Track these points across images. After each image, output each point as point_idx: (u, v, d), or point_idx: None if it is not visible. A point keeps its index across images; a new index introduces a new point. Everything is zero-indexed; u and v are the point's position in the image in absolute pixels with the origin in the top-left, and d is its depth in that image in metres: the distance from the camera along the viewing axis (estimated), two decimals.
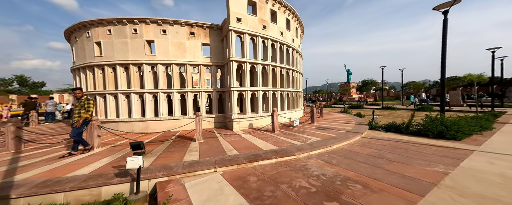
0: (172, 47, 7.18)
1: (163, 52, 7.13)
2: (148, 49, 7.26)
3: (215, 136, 5.81)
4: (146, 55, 7.06)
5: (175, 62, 7.25)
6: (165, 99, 7.40)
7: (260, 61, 7.81)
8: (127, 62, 7.02)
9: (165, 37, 7.11)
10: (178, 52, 7.29)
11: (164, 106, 7.36)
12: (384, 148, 4.21)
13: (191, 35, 7.43)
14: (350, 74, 55.29)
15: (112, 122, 7.12)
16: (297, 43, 11.14)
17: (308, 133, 6.00)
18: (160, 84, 7.23)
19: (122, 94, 7.22)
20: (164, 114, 7.29)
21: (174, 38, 7.19)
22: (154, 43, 7.06)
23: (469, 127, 5.12)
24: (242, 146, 4.42)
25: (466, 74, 10.30)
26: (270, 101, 8.35)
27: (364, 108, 18.52)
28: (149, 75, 7.23)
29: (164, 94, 7.32)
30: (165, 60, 7.14)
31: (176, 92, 7.38)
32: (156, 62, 7.09)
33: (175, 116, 7.22)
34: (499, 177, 2.59)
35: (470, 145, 4.12)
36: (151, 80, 7.34)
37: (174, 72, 7.31)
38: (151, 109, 7.29)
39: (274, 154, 3.73)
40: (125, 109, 7.27)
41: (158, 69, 7.16)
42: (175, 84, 7.35)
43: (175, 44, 7.22)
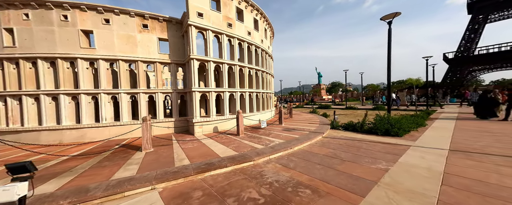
0: (118, 40, 6.15)
1: (106, 45, 6.03)
2: (85, 41, 6.04)
3: (171, 143, 5.12)
4: (82, 48, 5.84)
5: (123, 57, 6.22)
6: (110, 102, 6.25)
7: (226, 61, 7.45)
8: (53, 56, 5.65)
9: (109, 28, 6.04)
10: (127, 46, 6.29)
11: (109, 109, 6.20)
12: (340, 148, 4.37)
13: (143, 27, 6.53)
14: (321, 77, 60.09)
15: (30, 131, 5.58)
16: (266, 44, 11.23)
17: (273, 135, 5.90)
18: (103, 84, 6.07)
19: (47, 96, 5.76)
20: (108, 120, 6.13)
21: (121, 29, 6.18)
22: (93, 34, 5.90)
23: (408, 125, 5.86)
24: (198, 154, 3.95)
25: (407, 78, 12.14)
26: (238, 102, 8.04)
27: (331, 108, 20.09)
28: (87, 73, 5.98)
29: (107, 96, 6.17)
30: (109, 55, 6.05)
31: (125, 93, 6.32)
32: (97, 57, 5.93)
33: (122, 122, 6.15)
34: (426, 171, 2.87)
35: (408, 141, 4.65)
36: (90, 79, 6.10)
37: (122, 70, 6.26)
38: (90, 113, 6.03)
39: (231, 161, 3.41)
40: (51, 114, 5.81)
41: (99, 66, 6.00)
42: (123, 84, 6.29)
43: (123, 37, 6.21)
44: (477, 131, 5.47)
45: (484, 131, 5.43)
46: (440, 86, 33.27)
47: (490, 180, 2.49)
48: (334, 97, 46.34)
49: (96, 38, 5.90)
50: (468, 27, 35.83)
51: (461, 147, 3.94)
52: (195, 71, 6.39)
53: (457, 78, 34.21)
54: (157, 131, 6.60)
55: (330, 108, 20.05)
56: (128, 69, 6.49)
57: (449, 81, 34.95)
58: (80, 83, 5.85)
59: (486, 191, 2.23)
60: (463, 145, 4.11)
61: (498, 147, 3.89)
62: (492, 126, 6.26)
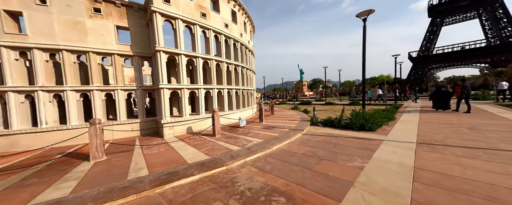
0: (61, 27, 5.04)
1: (43, 32, 4.89)
2: (13, 25, 4.80)
3: (132, 149, 4.44)
4: (7, 33, 4.62)
5: (68, 47, 5.15)
6: (52, 101, 5.16)
7: (201, 55, 6.82)
8: None
9: (46, 10, 4.89)
10: (73, 34, 5.21)
11: (51, 111, 5.12)
12: (318, 145, 4.30)
13: (95, 12, 5.48)
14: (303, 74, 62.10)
15: None
16: (246, 38, 10.77)
17: (252, 134, 5.62)
18: (40, 79, 4.95)
19: None
20: (50, 123, 5.06)
21: (64, 13, 5.08)
22: (23, 16, 4.71)
23: (381, 119, 6.15)
24: (162, 161, 3.43)
25: (379, 75, 13.03)
26: (215, 100, 7.52)
27: (312, 104, 20.78)
28: (16, 65, 4.79)
29: (48, 94, 5.07)
30: (48, 43, 4.93)
31: (72, 90, 5.28)
32: (30, 46, 4.77)
33: (70, 125, 5.16)
34: (398, 166, 2.90)
35: (381, 135, 4.83)
36: (23, 73, 4.91)
37: (67, 62, 5.19)
38: (23, 116, 4.89)
39: (199, 167, 3.01)
40: None
41: (34, 57, 4.85)
42: (70, 79, 5.24)
43: (67, 22, 5.12)
44: (437, 123, 6.00)
45: (443, 123, 5.99)
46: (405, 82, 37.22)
47: (454, 173, 2.58)
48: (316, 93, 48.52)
49: (28, 22, 4.72)
50: (428, 29, 40.52)
51: (426, 140, 4.19)
52: (163, 65, 5.66)
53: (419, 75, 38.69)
54: (118, 135, 5.75)
55: (311, 104, 20.70)
56: (77, 61, 5.43)
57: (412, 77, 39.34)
58: (6, 78, 4.65)
59: (452, 186, 2.27)
60: (427, 137, 4.39)
61: (455, 138, 4.24)
62: (449, 117, 6.99)
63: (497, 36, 33.18)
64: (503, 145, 3.56)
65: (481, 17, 36.53)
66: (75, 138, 4.42)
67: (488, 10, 34.73)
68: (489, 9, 34.44)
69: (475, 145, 3.65)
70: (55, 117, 5.18)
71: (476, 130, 4.80)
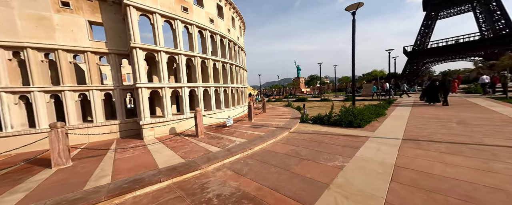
0: (23, 22, 4.70)
1: (3, 28, 4.55)
2: None
3: (104, 153, 4.20)
4: None
5: (33, 45, 4.82)
6: (18, 103, 4.85)
7: (183, 51, 6.56)
8: None
9: (6, 4, 4.53)
10: (39, 30, 4.87)
11: (16, 113, 4.82)
12: (303, 144, 4.18)
13: (63, 6, 5.14)
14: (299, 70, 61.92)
15: None
16: (235, 34, 10.49)
17: (237, 134, 5.45)
18: (2, 80, 4.63)
19: None
20: (16, 127, 4.77)
21: (27, 7, 4.73)
22: None
23: (370, 115, 6.06)
24: (131, 166, 3.23)
25: (373, 70, 12.98)
26: (201, 99, 7.30)
27: (308, 101, 20.74)
28: None
29: (13, 95, 4.76)
30: (10, 40, 4.60)
31: (40, 91, 4.98)
32: None
33: (40, 128, 4.87)
34: (379, 165, 2.78)
35: (368, 132, 4.73)
36: None
37: (33, 61, 4.86)
38: None
39: (169, 173, 2.82)
40: None
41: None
42: (36, 80, 4.93)
43: (31, 17, 4.78)
44: (427, 118, 5.96)
45: (432, 118, 5.95)
46: (400, 77, 37.54)
47: (434, 171, 2.48)
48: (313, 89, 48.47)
49: None
50: (423, 23, 40.75)
51: (413, 136, 4.10)
52: (140, 63, 5.38)
53: (414, 70, 39.07)
54: (96, 138, 5.50)
55: (306, 101, 20.66)
56: (45, 60, 5.11)
57: (407, 72, 39.71)
58: None
59: (430, 185, 2.16)
60: (414, 133, 4.31)
61: (442, 133, 4.17)
62: (439, 112, 6.97)
63: (490, 29, 33.66)
64: (488, 140, 3.49)
65: (475, 10, 36.93)
66: (47, 143, 4.16)
67: (482, 3, 35.09)
68: (483, 1, 34.81)
69: (460, 141, 3.57)
70: (22, 120, 4.88)
71: (463, 125, 4.75)
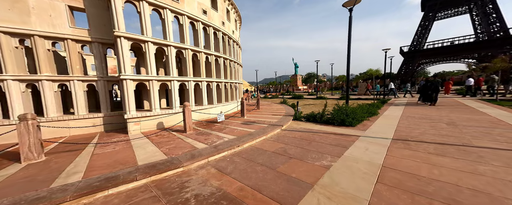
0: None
1: None
2: None
3: (83, 147, 4.01)
4: None
5: (5, 29, 4.47)
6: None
7: (173, 43, 6.28)
8: None
9: None
10: (12, 13, 4.51)
11: None
12: (293, 142, 4.11)
13: None
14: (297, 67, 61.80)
15: None
16: (230, 28, 10.19)
17: (227, 130, 5.34)
18: None
19: None
20: None
21: None
22: None
23: (362, 114, 6.06)
24: (107, 163, 3.06)
25: (368, 69, 13.01)
26: (191, 93, 7.10)
27: (304, 98, 20.78)
28: None
29: None
30: None
31: (13, 79, 4.66)
32: None
33: (14, 120, 4.59)
34: (366, 165, 2.74)
35: (359, 131, 4.71)
36: None
37: (4, 47, 4.52)
38: None
39: (148, 170, 2.69)
40: None
41: None
42: (10, 68, 4.60)
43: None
44: (418, 118, 6.01)
45: (423, 118, 6.00)
46: (396, 77, 38.11)
47: (421, 172, 2.45)
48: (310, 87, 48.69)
49: None
50: (420, 23, 41.14)
51: (403, 136, 4.10)
52: (124, 53, 5.11)
53: (409, 70, 39.71)
54: (78, 131, 5.27)
55: (302, 98, 20.71)
56: (20, 46, 4.76)
57: (403, 72, 40.33)
58: None
59: (416, 187, 2.13)
60: (404, 133, 4.32)
61: (431, 133, 4.19)
62: (431, 112, 7.06)
63: (485, 31, 34.35)
64: (476, 141, 3.51)
65: (472, 12, 37.48)
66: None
67: (479, 5, 35.61)
68: (480, 3, 35.31)
69: (449, 141, 3.59)
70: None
71: (453, 126, 4.80)
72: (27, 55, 5.19)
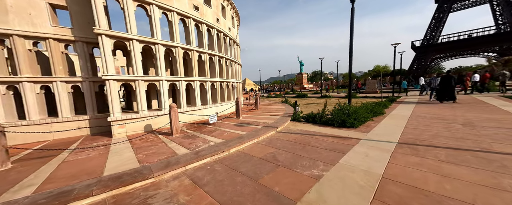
0: None
1: None
2: None
3: (57, 153, 3.83)
4: None
5: None
6: None
7: (161, 41, 6.07)
8: None
9: None
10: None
11: None
12: (285, 146, 3.79)
13: None
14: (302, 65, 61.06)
15: None
16: (225, 25, 9.92)
17: (217, 133, 5.07)
18: None
19: None
20: None
21: None
22: None
23: (366, 114, 5.61)
24: (72, 173, 2.84)
25: (375, 66, 12.35)
26: (182, 94, 6.89)
27: (308, 97, 20.27)
28: None
29: None
30: None
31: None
32: None
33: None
34: (364, 175, 2.39)
35: (361, 133, 4.31)
36: None
37: None
38: None
39: (110, 183, 2.42)
40: None
41: None
42: None
43: None
44: (430, 118, 5.50)
45: (436, 118, 5.49)
46: (407, 73, 36.60)
47: (429, 186, 2.07)
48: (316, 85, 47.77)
49: None
50: (434, 15, 39.26)
51: (410, 139, 3.68)
52: (107, 52, 4.94)
53: (422, 65, 38.02)
54: (61, 135, 5.16)
55: (306, 97, 20.20)
56: (0, 47, 4.68)
57: (415, 68, 38.69)
58: None
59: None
60: (412, 136, 3.88)
61: (445, 136, 3.73)
62: (445, 111, 6.49)
63: (508, 22, 32.23)
64: (498, 146, 3.04)
65: (492, 1, 35.31)
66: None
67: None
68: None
69: (465, 146, 3.13)
70: None
71: (470, 127, 4.29)
72: (10, 56, 5.13)
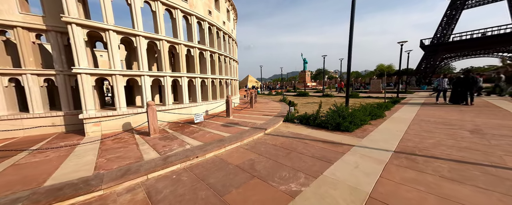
0: None
1: None
2: None
3: (13, 154, 3.53)
4: None
5: None
6: None
7: (142, 32, 5.71)
8: None
9: None
10: None
11: None
12: (268, 152, 3.47)
13: None
14: (306, 63, 60.31)
15: None
16: (219, 18, 9.49)
17: (199, 134, 4.75)
18: None
19: None
20: None
21: None
22: None
23: (363, 117, 5.22)
24: (12, 180, 2.52)
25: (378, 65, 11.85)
26: (168, 90, 6.56)
27: (309, 96, 19.85)
28: None
29: None
30: None
31: None
32: None
33: None
34: (347, 194, 2.05)
35: (355, 138, 3.94)
36: None
37: None
38: None
39: (43, 197, 2.07)
40: None
41: None
42: None
43: None
44: (434, 123, 5.08)
45: (441, 122, 5.07)
46: (414, 73, 35.68)
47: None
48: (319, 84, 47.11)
49: None
50: (446, 12, 37.98)
51: (409, 147, 3.29)
52: (77, 43, 4.60)
53: (430, 65, 37.00)
54: (32, 132, 4.90)
55: (307, 96, 19.79)
56: None
57: (423, 68, 37.69)
58: None
59: None
60: (412, 143, 3.49)
61: (448, 145, 3.34)
62: (451, 115, 6.05)
63: None
64: (510, 159, 2.64)
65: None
66: None
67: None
68: None
69: (472, 159, 2.74)
70: None
71: (479, 135, 3.88)
72: None
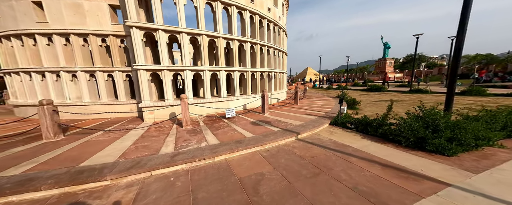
0: (66, 11, 6.11)
1: (56, 17, 6.14)
2: (41, 14, 6.30)
3: (93, 132, 5.00)
4: (38, 22, 6.17)
5: (75, 31, 6.25)
6: (72, 80, 6.77)
7: (185, 29, 6.28)
8: (16, 33, 6.29)
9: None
10: (76, 17, 6.20)
11: (72, 88, 6.77)
12: (288, 167, 2.95)
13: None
14: (388, 48, 47.73)
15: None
16: (263, 5, 8.84)
17: (223, 131, 4.84)
18: (61, 61, 6.50)
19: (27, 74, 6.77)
20: (71, 99, 6.77)
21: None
22: (43, 5, 6.02)
23: (487, 134, 3.16)
24: (72, 155, 3.37)
25: None
26: (207, 84, 7.08)
27: (385, 91, 15.72)
28: (47, 50, 6.48)
29: (68, 74, 6.65)
30: (61, 28, 6.19)
31: (82, 71, 6.61)
32: (51, 32, 6.20)
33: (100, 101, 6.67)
34: None
35: (459, 170, 2.49)
36: (54, 56, 6.59)
37: (76, 45, 6.39)
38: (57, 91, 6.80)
39: (67, 178, 2.61)
40: None
41: (55, 42, 6.32)
42: (78, 60, 6.53)
43: (70, 6, 6.10)
44: None
45: None
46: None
47: None
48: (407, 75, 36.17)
49: (46, 9, 6.07)
50: None
51: None
52: (138, 43, 5.69)
53: None
54: (118, 115, 6.83)
55: (383, 92, 15.69)
56: (84, 44, 6.59)
57: None
58: (43, 60, 6.47)
59: None
60: None
61: None
62: None
63: None
64: None
65: None
66: None
67: None
68: None
69: None
70: (77, 93, 6.83)
71: None
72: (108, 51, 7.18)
